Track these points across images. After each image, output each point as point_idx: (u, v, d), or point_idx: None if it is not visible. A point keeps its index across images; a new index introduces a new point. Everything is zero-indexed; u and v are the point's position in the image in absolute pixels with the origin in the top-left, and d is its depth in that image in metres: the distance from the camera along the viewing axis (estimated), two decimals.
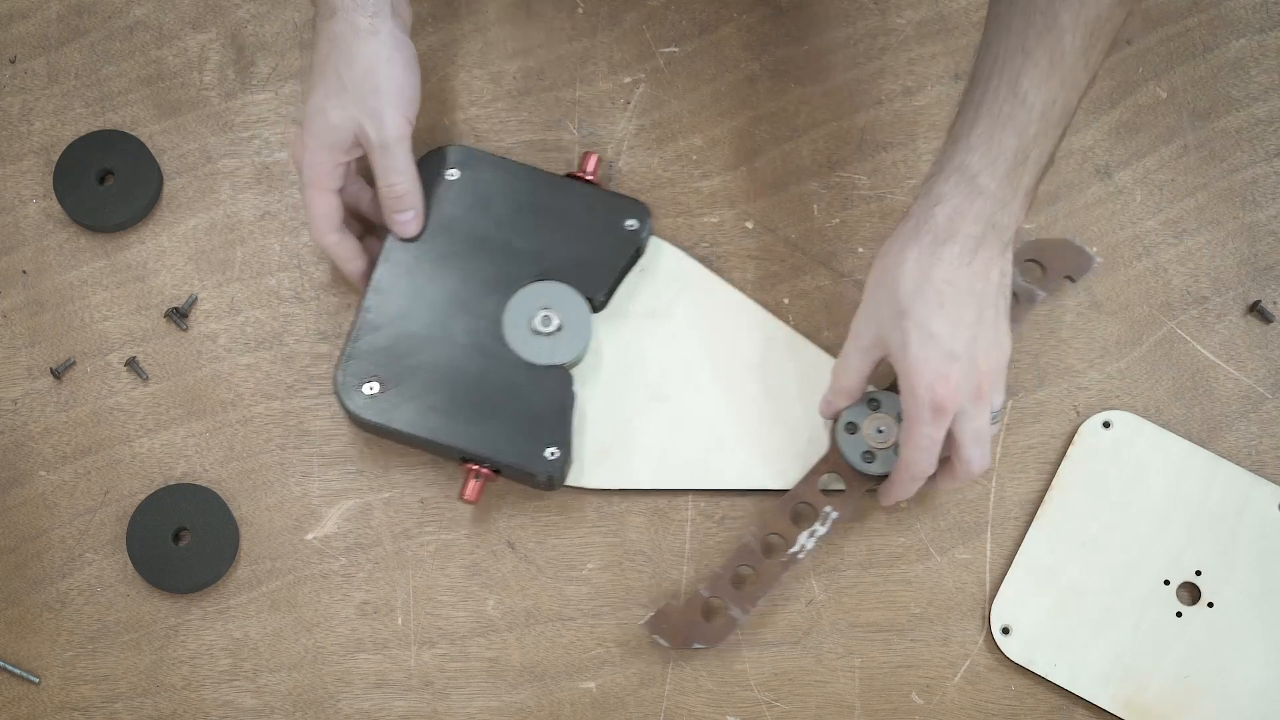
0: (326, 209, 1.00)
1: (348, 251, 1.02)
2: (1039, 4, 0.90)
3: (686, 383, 1.04)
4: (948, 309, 0.91)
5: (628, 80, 1.11)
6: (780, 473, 1.03)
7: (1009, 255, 0.93)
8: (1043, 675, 1.01)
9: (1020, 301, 1.04)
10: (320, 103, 0.98)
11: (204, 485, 1.04)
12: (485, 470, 1.00)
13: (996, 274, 0.92)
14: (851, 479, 1.01)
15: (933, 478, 0.97)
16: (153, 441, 1.05)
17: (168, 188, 1.09)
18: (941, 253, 0.91)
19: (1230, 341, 1.07)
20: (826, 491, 1.02)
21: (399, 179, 1.00)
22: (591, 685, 1.02)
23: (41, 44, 1.11)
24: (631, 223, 1.03)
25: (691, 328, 1.05)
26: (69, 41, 1.11)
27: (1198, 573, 1.02)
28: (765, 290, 1.07)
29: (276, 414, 1.05)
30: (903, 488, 0.97)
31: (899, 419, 1.00)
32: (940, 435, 0.93)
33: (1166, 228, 1.09)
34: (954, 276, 0.91)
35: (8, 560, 1.03)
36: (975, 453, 0.95)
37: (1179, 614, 1.02)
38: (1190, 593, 1.03)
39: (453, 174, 1.04)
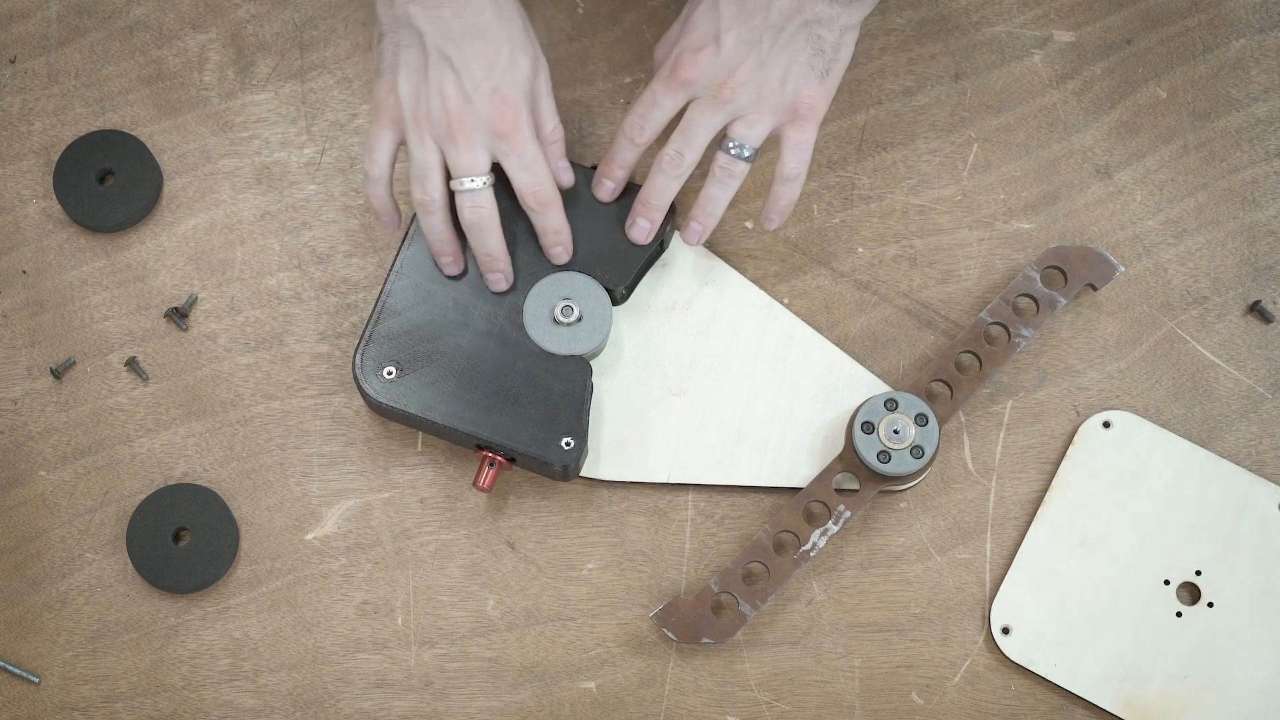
0: (545, 159, 0.99)
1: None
2: None
3: (704, 378, 1.05)
4: (745, 3, 0.95)
5: (628, 80, 1.11)
6: (794, 471, 1.03)
7: (848, 18, 0.96)
8: (1043, 675, 1.01)
9: (1041, 308, 1.04)
10: (512, 52, 0.96)
11: (204, 485, 1.04)
12: (500, 458, 1.00)
13: (813, 13, 0.95)
14: (866, 479, 1.01)
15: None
16: (153, 441, 1.05)
17: (168, 188, 1.09)
18: None
19: (1230, 341, 1.07)
20: (840, 491, 1.02)
21: (556, 118, 1.01)
22: (591, 685, 1.02)
23: (41, 44, 1.11)
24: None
25: (712, 323, 1.05)
26: (69, 41, 1.12)
27: (1198, 573, 1.02)
28: (765, 290, 1.07)
29: (276, 414, 1.05)
30: (617, 146, 1.01)
31: (916, 420, 1.00)
32: (667, 103, 0.98)
33: (1166, 228, 1.09)
34: None
35: (8, 560, 1.03)
36: (682, 145, 0.99)
37: (1179, 614, 1.02)
38: (1190, 593, 1.03)
39: None
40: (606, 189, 1.02)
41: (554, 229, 1.01)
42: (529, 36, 0.98)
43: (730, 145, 0.99)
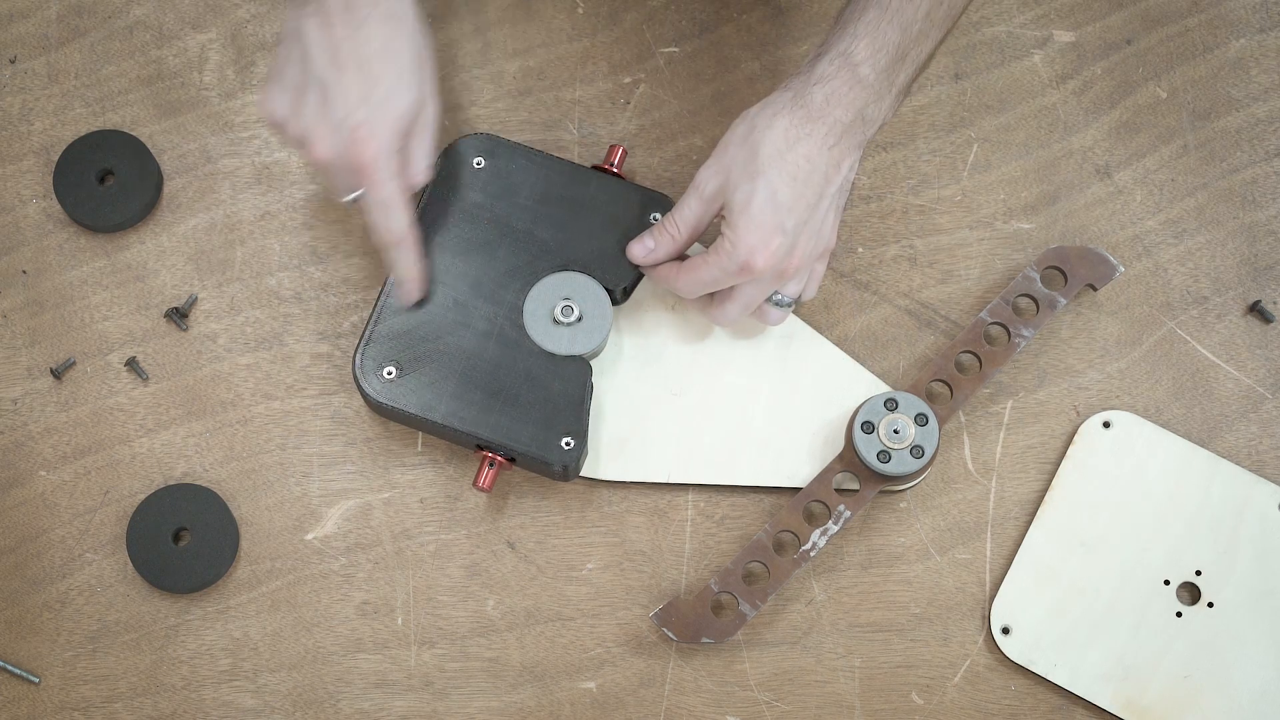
0: (406, 199, 0.98)
1: (418, 244, 1.01)
2: None
3: (705, 378, 1.04)
4: (798, 184, 0.94)
5: (628, 80, 1.11)
6: (794, 471, 1.03)
7: (861, 153, 0.97)
8: (1043, 675, 1.01)
9: (1041, 308, 1.04)
10: (393, 86, 0.95)
11: (204, 485, 1.04)
12: (500, 458, 1.00)
13: (847, 166, 0.96)
14: (866, 478, 1.01)
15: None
16: (153, 441, 1.05)
17: (168, 188, 1.09)
18: (810, 129, 0.93)
19: (1230, 341, 1.07)
20: (840, 490, 1.02)
21: (426, 161, 0.99)
22: (591, 685, 1.02)
23: (41, 44, 1.11)
24: (656, 215, 1.03)
25: (712, 323, 1.05)
26: (69, 41, 1.12)
27: (1198, 573, 1.02)
28: None
29: (276, 414, 1.05)
30: (667, 276, 1.00)
31: (916, 420, 1.00)
32: (726, 282, 0.97)
33: (1166, 228, 1.09)
34: (814, 155, 0.94)
35: (8, 560, 1.03)
36: (733, 310, 0.99)
37: (1179, 614, 1.02)
38: (1190, 593, 1.03)
39: (479, 162, 1.04)
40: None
41: (403, 270, 1.00)
42: (418, 71, 0.96)
43: (776, 297, 1.00)
